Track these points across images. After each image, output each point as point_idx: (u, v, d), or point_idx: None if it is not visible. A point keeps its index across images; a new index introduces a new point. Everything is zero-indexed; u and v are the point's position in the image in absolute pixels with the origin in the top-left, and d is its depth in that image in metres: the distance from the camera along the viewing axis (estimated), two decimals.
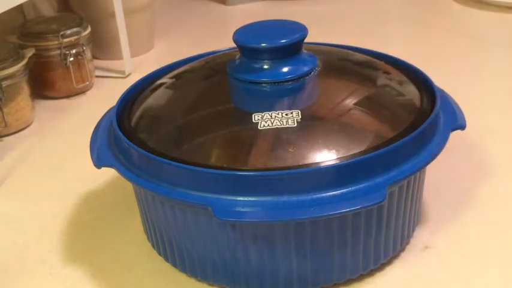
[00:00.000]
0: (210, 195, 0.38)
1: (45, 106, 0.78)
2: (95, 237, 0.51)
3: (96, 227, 0.53)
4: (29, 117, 0.73)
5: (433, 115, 0.42)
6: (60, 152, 0.67)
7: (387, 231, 0.43)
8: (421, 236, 0.48)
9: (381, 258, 0.44)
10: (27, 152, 0.67)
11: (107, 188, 0.58)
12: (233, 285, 0.43)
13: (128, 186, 0.54)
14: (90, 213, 0.55)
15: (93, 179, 0.59)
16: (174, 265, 0.46)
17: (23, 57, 0.71)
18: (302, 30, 0.46)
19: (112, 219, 0.53)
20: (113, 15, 0.81)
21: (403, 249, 0.46)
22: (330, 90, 0.47)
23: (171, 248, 0.44)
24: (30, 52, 0.73)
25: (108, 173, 0.57)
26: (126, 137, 0.43)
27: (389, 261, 0.45)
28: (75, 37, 0.77)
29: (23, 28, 0.78)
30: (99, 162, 0.44)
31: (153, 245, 0.48)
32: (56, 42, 0.76)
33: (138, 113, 0.47)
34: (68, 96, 0.80)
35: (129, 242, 0.50)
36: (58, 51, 0.76)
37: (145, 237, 0.50)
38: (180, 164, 0.39)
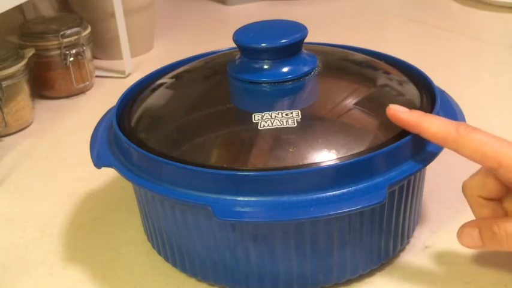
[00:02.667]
0: (210, 195, 0.38)
1: (45, 106, 0.78)
2: (95, 237, 0.51)
3: (96, 227, 0.53)
4: (29, 117, 0.73)
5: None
6: (60, 152, 0.67)
7: (387, 231, 0.43)
8: (421, 236, 0.48)
9: (381, 258, 0.44)
10: (27, 152, 0.67)
11: (107, 188, 0.58)
12: (233, 285, 0.43)
13: (128, 186, 0.54)
14: (90, 213, 0.55)
15: (93, 179, 0.59)
16: (174, 265, 0.46)
17: (23, 57, 0.71)
18: (302, 30, 0.46)
19: (112, 219, 0.53)
20: (113, 15, 0.81)
21: (403, 249, 0.46)
22: (330, 90, 0.47)
23: (171, 248, 0.44)
24: (30, 52, 0.73)
25: (108, 173, 0.57)
26: (126, 137, 0.43)
27: (389, 261, 0.45)
28: (75, 37, 0.77)
29: (23, 28, 0.78)
30: (99, 162, 0.44)
31: (153, 245, 0.48)
32: (56, 42, 0.76)
33: (138, 113, 0.47)
34: (68, 96, 0.80)
35: (129, 242, 0.50)
36: (58, 51, 0.76)
37: (145, 237, 0.50)
38: (180, 164, 0.39)
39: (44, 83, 0.79)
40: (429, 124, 0.38)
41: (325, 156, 0.39)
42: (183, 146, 0.42)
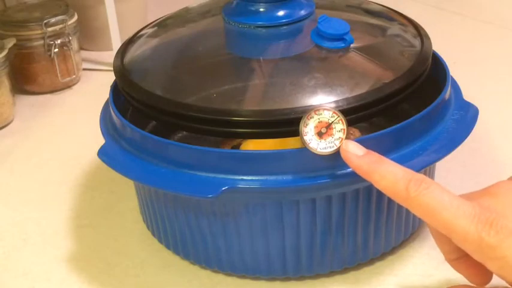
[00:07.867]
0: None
1: (27, 102, 0.76)
2: (95, 237, 0.51)
3: (87, 234, 0.51)
4: (9, 115, 0.71)
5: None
6: (43, 153, 0.65)
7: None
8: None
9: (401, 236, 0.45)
10: (7, 153, 0.65)
11: (94, 192, 0.56)
12: (245, 273, 0.43)
13: (128, 186, 0.53)
14: (77, 220, 0.53)
15: (79, 182, 0.57)
16: (176, 252, 0.46)
17: (2, 48, 0.69)
18: None
19: (110, 221, 0.52)
20: (101, 1, 0.79)
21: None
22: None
23: (174, 240, 0.45)
24: (10, 42, 0.71)
25: (95, 175, 0.57)
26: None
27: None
28: (60, 26, 0.75)
29: (3, 16, 0.76)
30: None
31: (160, 241, 0.48)
32: (39, 31, 0.74)
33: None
34: (52, 91, 0.78)
35: (129, 240, 0.50)
36: (41, 42, 0.75)
37: (146, 237, 0.49)
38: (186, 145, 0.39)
39: (26, 76, 0.77)
40: (379, 177, 0.35)
41: None
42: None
